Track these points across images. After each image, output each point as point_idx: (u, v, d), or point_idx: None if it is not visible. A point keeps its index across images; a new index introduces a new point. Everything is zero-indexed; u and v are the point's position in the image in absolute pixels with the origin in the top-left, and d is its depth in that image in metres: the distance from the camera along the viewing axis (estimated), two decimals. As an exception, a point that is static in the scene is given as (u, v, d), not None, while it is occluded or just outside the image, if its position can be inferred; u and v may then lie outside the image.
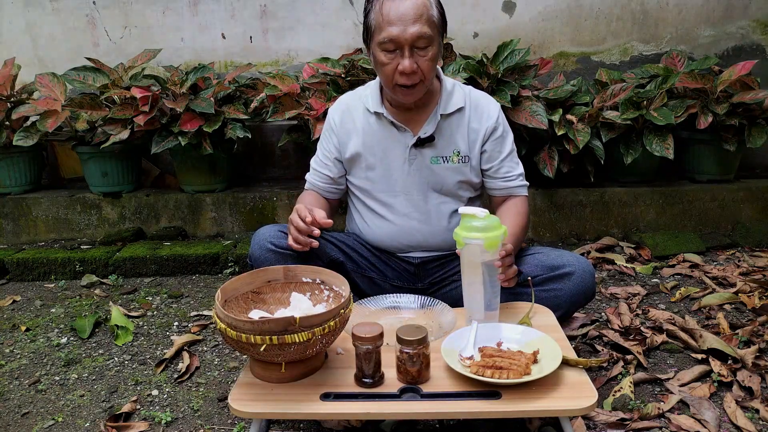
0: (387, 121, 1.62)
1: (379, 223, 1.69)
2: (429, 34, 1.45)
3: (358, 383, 1.20)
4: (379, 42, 1.47)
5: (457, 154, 1.63)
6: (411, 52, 1.45)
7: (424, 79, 1.50)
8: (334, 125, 1.69)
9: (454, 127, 1.63)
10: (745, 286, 2.18)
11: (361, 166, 1.67)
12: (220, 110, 2.74)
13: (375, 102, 1.63)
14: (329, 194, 1.74)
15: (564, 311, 1.55)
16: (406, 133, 1.62)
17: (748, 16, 3.16)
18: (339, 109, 1.70)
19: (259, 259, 1.51)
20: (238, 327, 1.13)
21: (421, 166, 1.63)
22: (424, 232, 1.67)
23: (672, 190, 2.80)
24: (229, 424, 1.52)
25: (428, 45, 1.46)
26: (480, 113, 1.64)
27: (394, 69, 1.48)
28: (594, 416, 1.46)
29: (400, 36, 1.43)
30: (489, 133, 1.63)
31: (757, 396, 1.53)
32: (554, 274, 1.53)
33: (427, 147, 1.62)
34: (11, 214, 2.94)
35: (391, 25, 1.44)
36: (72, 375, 1.81)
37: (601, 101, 2.69)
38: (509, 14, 3.23)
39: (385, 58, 1.48)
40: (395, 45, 1.45)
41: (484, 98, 1.68)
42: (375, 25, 1.48)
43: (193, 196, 2.93)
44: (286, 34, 3.31)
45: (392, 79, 1.50)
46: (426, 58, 1.47)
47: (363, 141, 1.65)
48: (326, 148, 1.71)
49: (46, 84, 2.84)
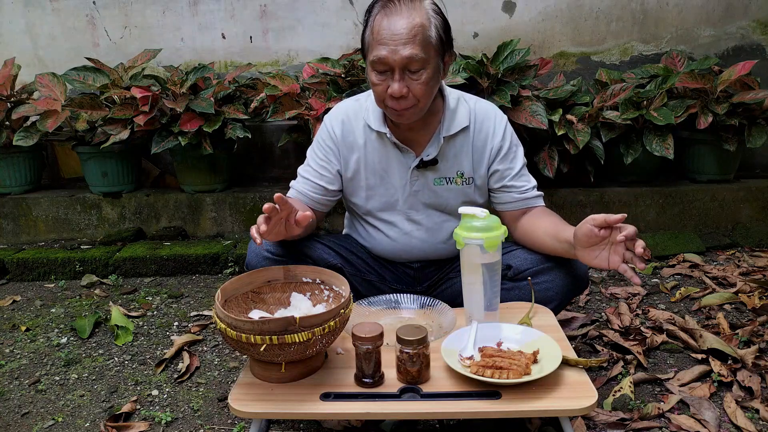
0: (389, 141, 1.55)
1: (379, 239, 1.66)
2: (422, 57, 1.35)
3: (358, 383, 1.20)
4: (371, 61, 1.40)
5: (460, 176, 1.57)
6: (402, 75, 1.37)
7: (418, 103, 1.42)
8: (334, 137, 1.59)
9: (457, 148, 1.56)
10: (745, 286, 2.18)
11: (360, 185, 1.61)
12: (220, 110, 2.74)
13: (377, 120, 1.55)
14: (320, 206, 1.63)
15: (557, 303, 1.51)
16: (409, 155, 1.56)
17: (748, 16, 3.16)
18: (338, 119, 1.60)
19: (256, 267, 1.47)
20: (238, 327, 1.13)
21: (424, 188, 1.58)
22: (425, 249, 1.65)
23: (672, 190, 2.80)
24: (229, 424, 1.52)
25: (421, 68, 1.37)
26: (486, 132, 1.57)
27: (385, 91, 1.40)
28: (594, 416, 1.46)
29: (388, 57, 1.35)
30: (495, 153, 1.57)
31: (757, 396, 1.53)
32: (544, 265, 1.50)
33: (430, 169, 1.57)
34: (11, 214, 2.94)
35: (381, 45, 1.36)
36: (72, 375, 1.81)
37: (601, 101, 2.69)
38: (509, 14, 3.23)
39: (375, 79, 1.41)
40: (385, 67, 1.37)
41: (490, 113, 1.59)
42: (368, 43, 1.42)
43: (193, 196, 2.93)
44: (286, 34, 3.31)
45: (382, 100, 1.43)
46: (418, 82, 1.38)
47: (364, 159, 1.58)
48: (325, 159, 1.61)
49: (46, 84, 2.84)
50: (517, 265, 1.52)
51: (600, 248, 1.35)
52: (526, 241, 1.57)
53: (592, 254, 1.35)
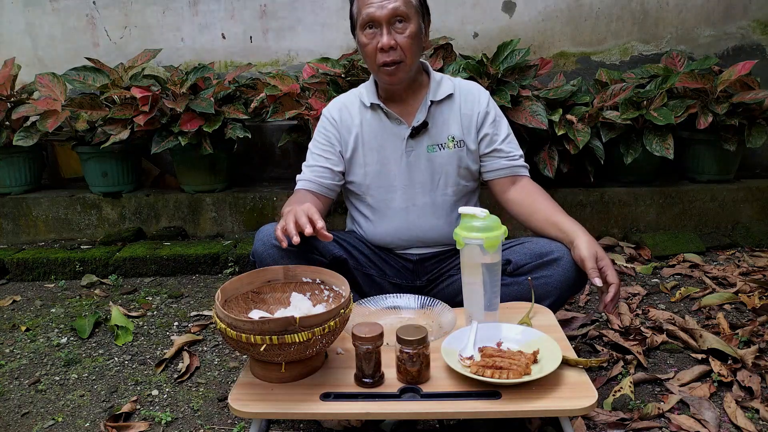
0: (382, 113, 1.64)
1: (377, 221, 1.69)
2: (404, 11, 1.51)
3: (358, 383, 1.20)
4: (361, 24, 1.55)
5: (452, 139, 1.65)
6: (389, 29, 1.52)
7: (405, 58, 1.54)
8: (333, 121, 1.69)
9: (446, 114, 1.65)
10: (745, 286, 2.18)
11: (359, 162, 1.67)
12: (220, 110, 2.74)
13: (370, 94, 1.66)
14: (328, 191, 1.68)
15: (555, 298, 1.51)
16: (401, 125, 1.64)
17: (748, 16, 3.16)
18: (336, 106, 1.72)
19: (262, 255, 1.49)
20: (238, 327, 1.13)
21: (419, 157, 1.64)
22: (423, 227, 1.67)
23: (672, 190, 2.80)
24: (229, 424, 1.52)
25: (405, 21, 1.52)
26: (471, 100, 1.67)
27: (375, 48, 1.53)
28: (594, 416, 1.46)
29: (376, 12, 1.51)
30: (482, 118, 1.66)
31: (757, 396, 1.53)
32: (542, 261, 1.50)
33: (423, 135, 1.64)
34: (11, 214, 2.94)
35: (368, 6, 1.52)
36: (72, 375, 1.81)
37: (601, 101, 2.69)
38: (509, 14, 3.23)
39: (365, 39, 1.55)
40: (373, 23, 1.52)
41: (474, 86, 1.71)
42: (356, 11, 1.57)
43: (193, 196, 2.93)
44: (286, 34, 3.31)
45: (374, 59, 1.55)
46: (404, 35, 1.52)
47: (361, 136, 1.66)
48: (327, 143, 1.69)
49: (46, 84, 2.84)
50: (516, 260, 1.52)
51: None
52: (523, 218, 1.64)
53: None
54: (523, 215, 1.63)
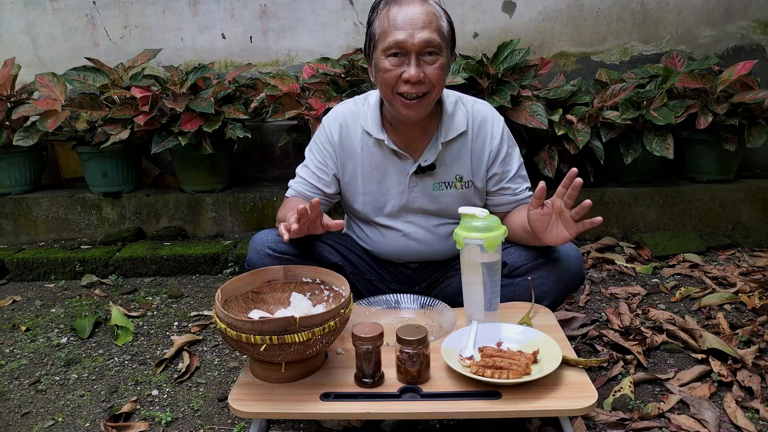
0: (387, 148, 1.55)
1: (377, 241, 1.66)
2: (438, 42, 1.38)
3: (358, 383, 1.20)
4: (384, 48, 1.39)
5: (459, 179, 1.58)
6: (418, 60, 1.38)
7: (432, 90, 1.42)
8: (332, 141, 1.59)
9: (456, 153, 1.56)
10: (745, 286, 2.18)
11: (357, 190, 1.61)
12: (220, 110, 2.74)
13: (375, 126, 1.54)
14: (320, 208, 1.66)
15: (553, 298, 1.51)
16: (407, 161, 1.56)
17: (748, 16, 3.16)
18: (337, 122, 1.60)
19: (257, 265, 1.46)
20: (238, 327, 1.13)
21: (423, 193, 1.58)
22: (424, 251, 1.65)
23: (672, 190, 2.80)
24: (229, 424, 1.52)
25: (437, 53, 1.39)
26: (483, 136, 1.57)
27: (398, 77, 1.39)
28: (594, 416, 1.46)
29: (407, 41, 1.36)
30: (494, 156, 1.58)
31: (757, 396, 1.53)
32: (539, 261, 1.49)
33: (428, 174, 1.56)
34: (11, 214, 2.94)
35: (398, 30, 1.36)
36: (72, 375, 1.81)
37: (601, 101, 2.69)
38: (509, 14, 3.23)
39: (388, 65, 1.40)
40: (401, 50, 1.38)
41: (487, 115, 1.59)
42: (380, 32, 1.41)
43: (193, 196, 2.93)
44: (286, 34, 3.31)
45: (393, 87, 1.41)
46: (434, 67, 1.39)
47: (361, 165, 1.58)
48: (322, 162, 1.61)
49: (46, 84, 2.84)
50: (512, 262, 1.52)
51: (555, 226, 1.40)
52: (511, 239, 1.57)
53: (552, 233, 1.40)
54: (510, 237, 1.55)
